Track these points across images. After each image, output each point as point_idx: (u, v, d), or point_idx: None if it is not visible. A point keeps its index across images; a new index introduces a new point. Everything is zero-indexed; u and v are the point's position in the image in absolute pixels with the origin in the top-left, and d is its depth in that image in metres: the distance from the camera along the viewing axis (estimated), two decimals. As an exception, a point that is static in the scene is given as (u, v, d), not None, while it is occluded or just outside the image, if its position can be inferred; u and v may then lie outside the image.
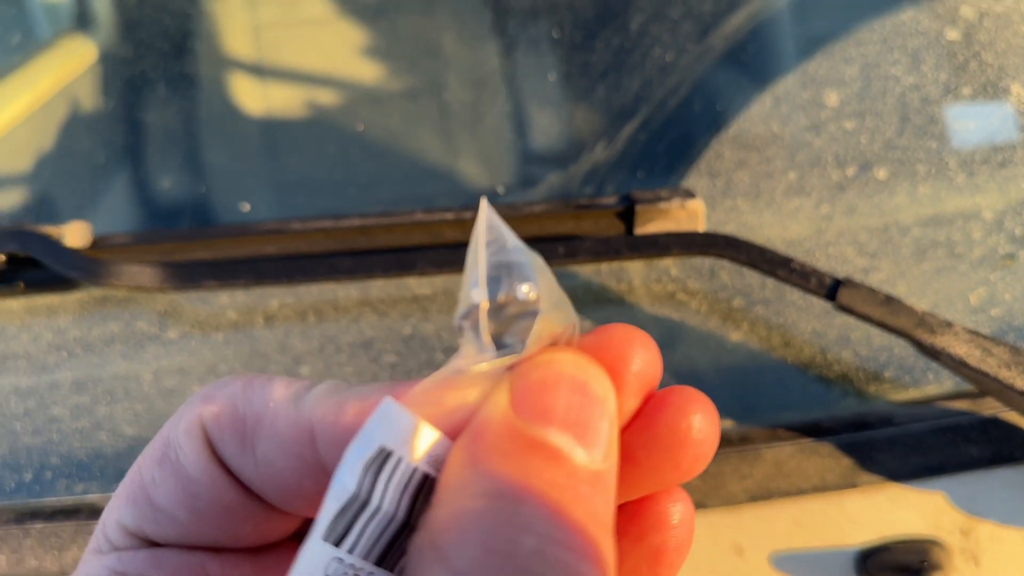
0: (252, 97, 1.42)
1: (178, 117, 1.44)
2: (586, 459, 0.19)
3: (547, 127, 0.66)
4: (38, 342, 0.54)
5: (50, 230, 0.50)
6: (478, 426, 0.20)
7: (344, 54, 1.43)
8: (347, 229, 0.53)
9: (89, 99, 1.43)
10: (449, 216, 0.53)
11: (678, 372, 0.51)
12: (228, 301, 0.54)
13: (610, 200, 0.52)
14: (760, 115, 0.54)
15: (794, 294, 0.52)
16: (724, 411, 0.50)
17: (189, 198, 1.37)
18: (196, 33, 1.46)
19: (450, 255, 0.50)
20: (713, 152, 0.54)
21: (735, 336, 0.52)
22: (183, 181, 1.41)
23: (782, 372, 0.52)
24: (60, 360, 0.53)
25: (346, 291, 0.54)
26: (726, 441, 0.49)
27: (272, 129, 1.40)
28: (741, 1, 0.57)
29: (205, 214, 1.31)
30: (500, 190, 0.62)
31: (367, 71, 1.44)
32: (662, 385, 0.23)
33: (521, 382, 0.20)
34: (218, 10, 1.44)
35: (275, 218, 0.72)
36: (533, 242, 0.52)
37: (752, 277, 0.52)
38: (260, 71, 1.45)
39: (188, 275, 0.49)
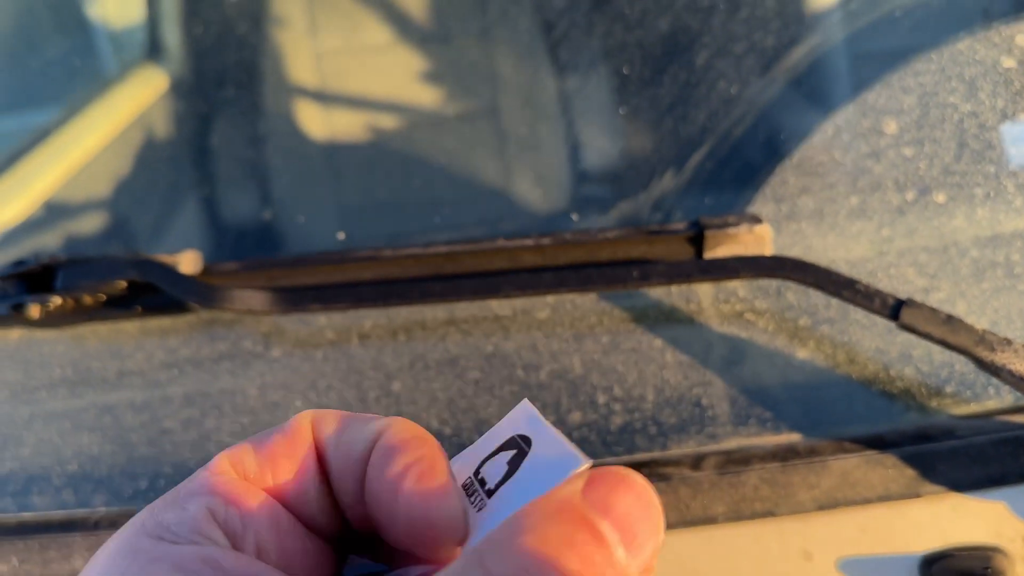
0: (316, 122, 1.48)
1: (244, 143, 1.50)
2: (624, 559, 0.22)
3: (609, 154, 0.70)
4: (151, 360, 0.58)
5: (165, 258, 0.55)
6: (551, 493, 0.23)
7: (404, 79, 1.48)
8: (435, 255, 0.57)
9: (161, 127, 1.50)
10: (528, 243, 0.57)
11: (747, 389, 0.54)
12: (326, 322, 0.58)
13: (680, 226, 0.55)
14: (822, 143, 0.57)
15: (857, 313, 0.55)
16: (792, 425, 0.53)
17: (255, 220, 1.43)
18: (262, 61, 1.52)
19: (530, 279, 0.54)
20: (778, 178, 0.57)
21: (801, 353, 0.54)
22: (249, 205, 1.47)
23: (847, 388, 0.54)
24: (171, 377, 0.58)
25: (433, 312, 0.58)
26: (794, 453, 0.52)
27: (335, 153, 1.45)
28: (802, 35, 0.60)
29: (271, 236, 1.37)
30: (574, 217, 0.65)
31: (426, 95, 1.49)
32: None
33: (598, 477, 0.23)
34: (283, 38, 1.50)
35: (337, 237, 0.77)
36: (607, 267, 0.56)
37: (817, 297, 0.55)
38: (323, 97, 1.51)
39: (294, 299, 0.53)
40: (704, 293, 0.56)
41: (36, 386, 0.59)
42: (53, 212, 1.16)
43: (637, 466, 0.52)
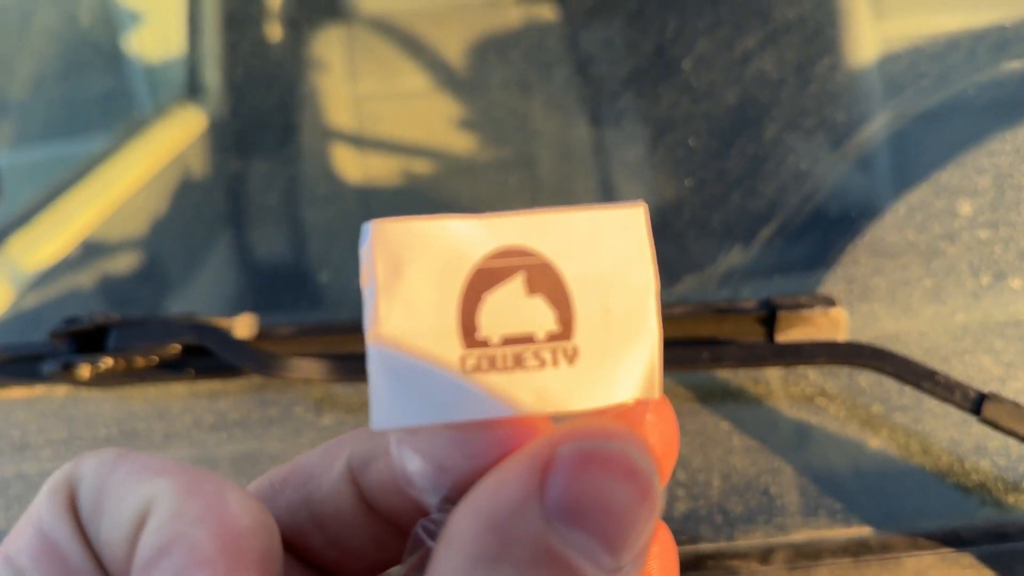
0: (351, 166, 1.48)
1: (280, 185, 1.50)
2: (611, 564, 0.16)
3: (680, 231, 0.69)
4: (199, 423, 0.57)
5: (221, 321, 0.54)
6: (499, 493, 0.17)
7: (440, 126, 1.48)
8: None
9: (199, 167, 1.50)
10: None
11: (817, 478, 0.52)
12: (378, 390, 0.56)
13: (750, 304, 0.53)
14: (895, 223, 0.56)
15: (931, 402, 0.53)
16: (864, 517, 0.51)
17: (288, 264, 1.42)
18: (300, 104, 1.53)
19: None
20: (849, 258, 0.55)
21: (873, 442, 0.52)
22: (283, 247, 1.47)
23: (920, 479, 0.52)
24: (219, 441, 0.56)
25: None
26: (867, 548, 0.49)
27: (369, 197, 1.45)
28: (873, 112, 0.59)
29: (302, 281, 1.36)
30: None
31: (461, 143, 1.48)
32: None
33: (558, 464, 0.17)
34: (322, 82, 1.51)
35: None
36: (676, 344, 0.54)
37: (890, 383, 0.53)
38: (360, 141, 1.51)
39: (351, 369, 0.52)
40: (773, 374, 0.54)
41: (80, 445, 0.57)
42: (89, 250, 1.16)
43: (703, 558, 0.50)
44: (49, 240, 1.08)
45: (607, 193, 1.17)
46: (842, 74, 0.74)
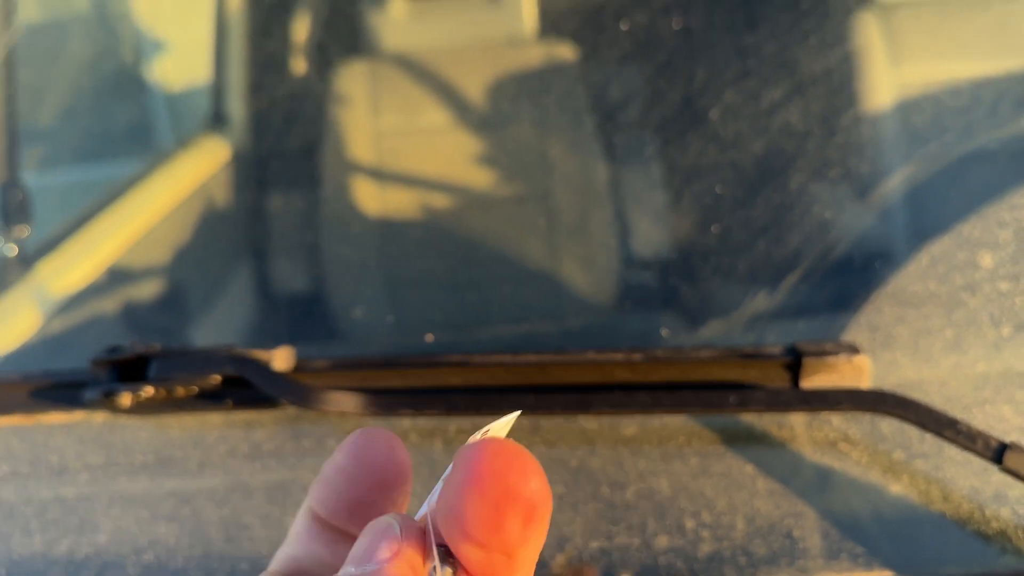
0: (371, 199, 1.50)
1: (300, 216, 1.52)
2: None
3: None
4: (234, 453, 0.58)
5: (260, 354, 0.55)
6: None
7: (458, 161, 1.50)
8: (525, 364, 0.57)
9: (221, 196, 1.52)
10: (619, 357, 0.56)
11: (839, 522, 0.53)
12: (411, 424, 0.58)
13: (776, 350, 0.55)
14: (917, 273, 0.57)
15: (952, 449, 0.54)
16: (885, 562, 0.52)
17: (306, 294, 1.44)
18: (323, 137, 1.55)
19: (623, 397, 0.54)
20: (872, 307, 0.57)
21: (895, 488, 0.53)
22: (302, 278, 1.49)
23: (940, 525, 0.53)
24: (254, 471, 0.58)
25: (518, 420, 0.58)
26: (888, 594, 0.50)
27: (388, 230, 1.47)
28: (897, 165, 0.61)
29: (325, 315, 1.38)
30: (664, 333, 0.65)
31: (479, 178, 1.51)
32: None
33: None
34: (345, 116, 1.53)
35: (426, 339, 0.77)
36: (701, 388, 0.55)
37: (911, 430, 0.55)
38: (380, 175, 1.54)
39: (387, 404, 0.53)
40: (797, 419, 0.55)
41: (117, 471, 0.59)
42: (113, 276, 1.17)
43: (728, 598, 0.51)
44: (76, 266, 1.10)
45: (622, 229, 1.19)
46: (865, 125, 0.76)
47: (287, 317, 1.39)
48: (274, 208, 1.51)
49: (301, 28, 1.62)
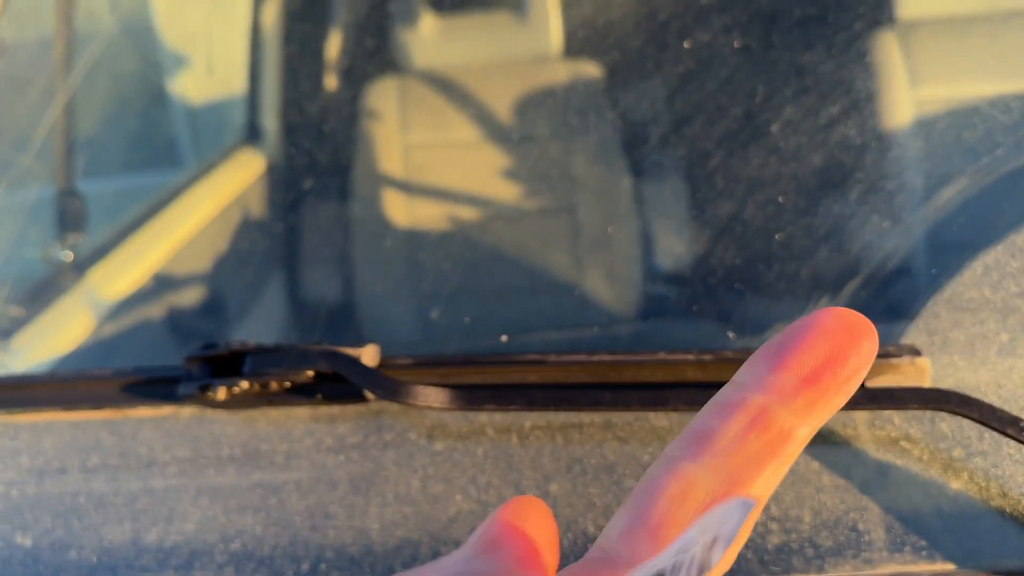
0: (400, 211, 1.53)
1: (332, 227, 1.56)
2: None
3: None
4: (319, 446, 0.61)
5: (350, 351, 0.58)
6: None
7: (485, 175, 1.53)
8: (598, 363, 0.59)
9: (256, 208, 1.55)
10: (690, 357, 0.59)
11: (902, 516, 0.55)
12: (487, 420, 0.60)
13: (839, 352, 0.57)
14: (972, 280, 0.60)
15: (1010, 447, 0.57)
16: (946, 555, 0.54)
17: (337, 301, 1.47)
18: (354, 151, 1.59)
19: (698, 394, 0.57)
20: (930, 312, 0.60)
21: (955, 484, 0.56)
22: (333, 287, 1.52)
23: (999, 521, 0.56)
24: (338, 463, 0.60)
25: (591, 416, 0.60)
26: (951, 584, 0.53)
27: (416, 240, 1.50)
28: (951, 177, 0.64)
29: (349, 320, 1.40)
30: (731, 335, 0.68)
31: (506, 191, 1.54)
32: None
33: None
34: (375, 130, 1.57)
35: (501, 340, 0.80)
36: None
37: (970, 429, 0.57)
38: (409, 188, 1.57)
39: (471, 398, 0.56)
40: (860, 418, 0.58)
41: (205, 464, 0.61)
42: (157, 285, 1.20)
43: (801, 586, 0.53)
44: (124, 274, 1.13)
45: (646, 242, 1.22)
46: (891, 140, 0.80)
47: (320, 324, 1.41)
48: (307, 219, 1.54)
49: (334, 45, 1.66)
